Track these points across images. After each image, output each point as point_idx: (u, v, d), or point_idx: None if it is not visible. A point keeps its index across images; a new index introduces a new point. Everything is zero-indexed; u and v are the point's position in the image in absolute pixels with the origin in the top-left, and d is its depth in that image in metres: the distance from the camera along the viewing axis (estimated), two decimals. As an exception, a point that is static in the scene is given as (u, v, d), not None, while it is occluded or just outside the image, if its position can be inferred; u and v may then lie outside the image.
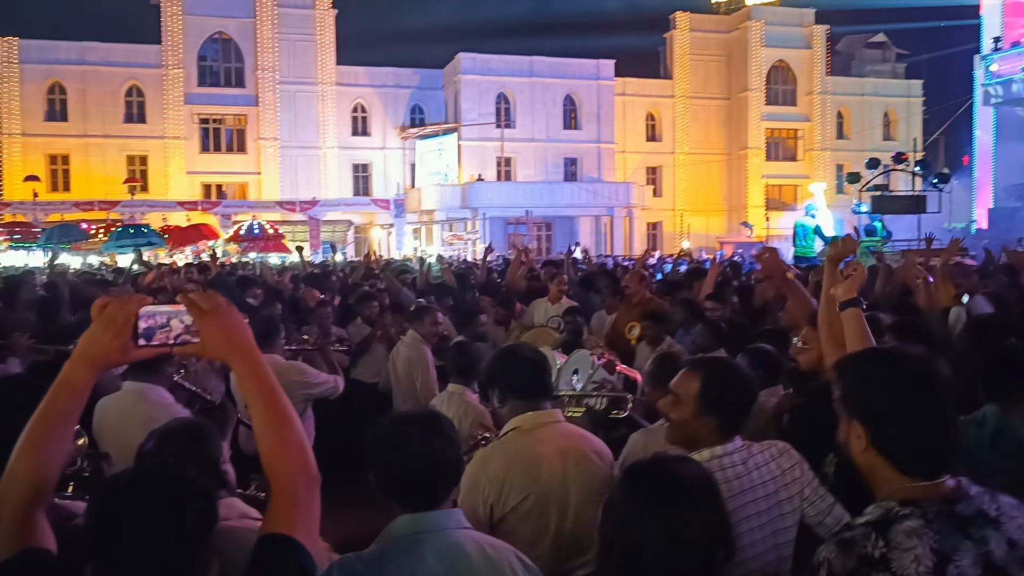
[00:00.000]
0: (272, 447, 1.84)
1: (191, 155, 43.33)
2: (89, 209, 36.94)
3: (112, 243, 22.15)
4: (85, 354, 1.80)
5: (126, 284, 10.89)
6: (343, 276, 12.76)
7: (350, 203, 43.42)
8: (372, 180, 46.93)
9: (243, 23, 43.45)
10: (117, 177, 41.18)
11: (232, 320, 1.84)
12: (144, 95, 42.90)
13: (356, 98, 46.50)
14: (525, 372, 3.28)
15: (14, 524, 1.75)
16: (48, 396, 1.80)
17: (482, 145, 45.59)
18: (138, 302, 1.80)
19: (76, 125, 41.99)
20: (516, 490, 2.97)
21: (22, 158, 41.04)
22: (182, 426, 2.85)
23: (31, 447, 1.78)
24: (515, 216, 41.02)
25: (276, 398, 1.86)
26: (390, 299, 8.68)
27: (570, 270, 10.46)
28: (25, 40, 41.18)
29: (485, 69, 46.03)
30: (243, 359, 1.84)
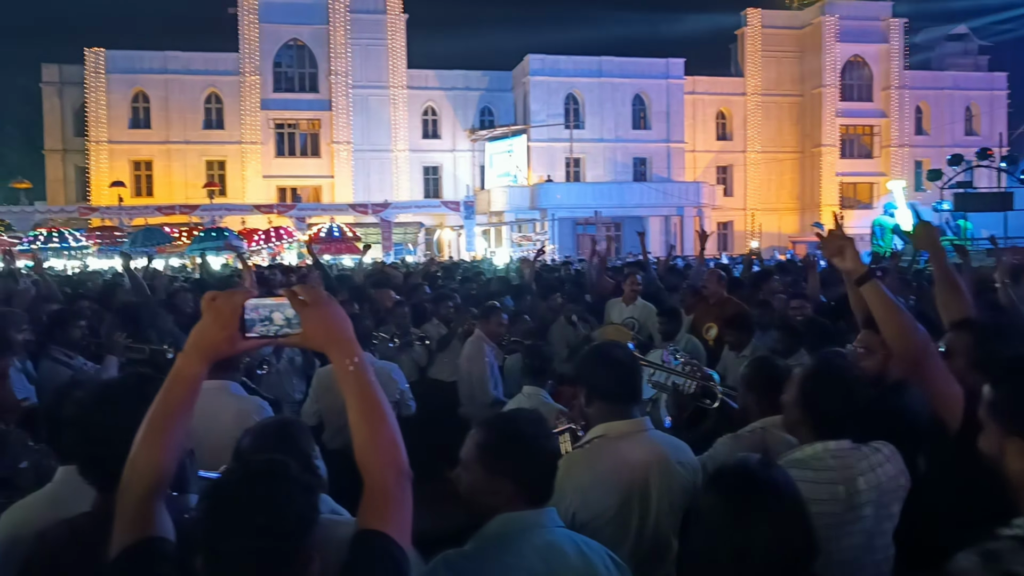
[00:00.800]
0: (366, 441, 1.86)
1: (267, 159, 44.43)
2: (171, 213, 38.17)
3: (195, 246, 22.87)
4: (196, 346, 1.85)
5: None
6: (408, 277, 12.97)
7: (421, 205, 43.94)
8: (442, 182, 47.43)
9: (317, 29, 44.36)
10: (197, 182, 42.52)
11: (333, 312, 1.87)
12: (222, 102, 44.18)
13: (426, 101, 47.05)
14: (615, 375, 3.17)
15: (136, 513, 1.82)
16: (164, 388, 1.87)
17: (551, 146, 45.67)
18: (244, 295, 1.85)
19: (158, 132, 43.47)
20: (599, 499, 2.94)
21: (108, 165, 42.65)
22: (276, 422, 2.93)
23: (150, 437, 1.85)
24: (584, 217, 40.97)
25: (372, 392, 1.88)
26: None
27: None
28: (111, 51, 42.82)
29: (554, 70, 46.11)
30: (341, 350, 1.87)
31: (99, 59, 42.60)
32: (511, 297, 8.90)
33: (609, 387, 3.15)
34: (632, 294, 8.26)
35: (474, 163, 47.77)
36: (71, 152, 44.71)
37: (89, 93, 42.58)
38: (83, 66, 42.64)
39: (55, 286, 9.86)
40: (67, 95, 44.55)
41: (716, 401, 4.20)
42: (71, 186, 45.03)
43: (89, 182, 43.06)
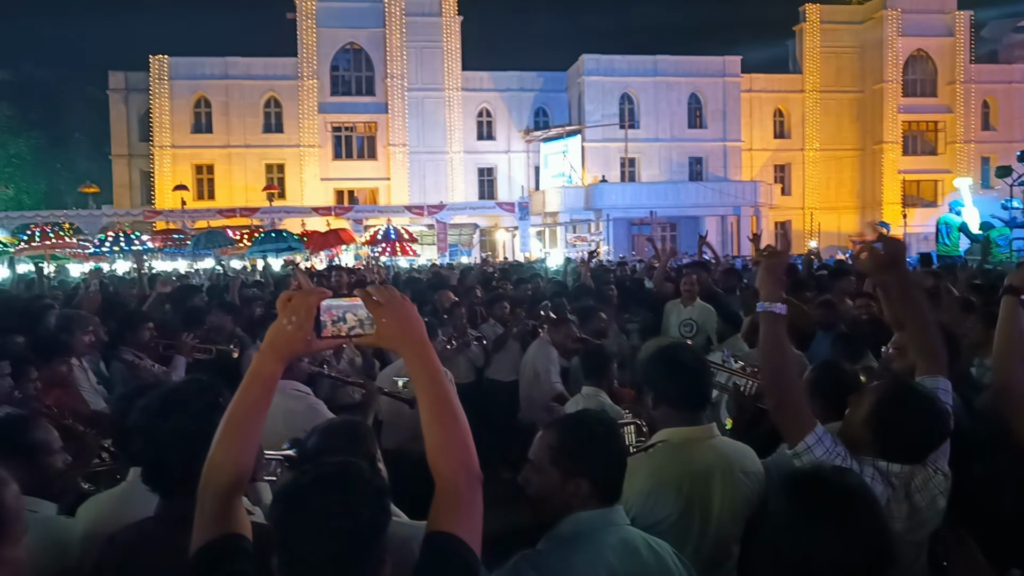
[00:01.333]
0: (437, 442, 1.86)
1: (324, 162, 45.08)
2: (231, 216, 38.94)
3: (256, 248, 23.29)
4: (272, 346, 1.87)
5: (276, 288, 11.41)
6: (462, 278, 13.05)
7: (476, 206, 44.14)
8: (497, 183, 47.59)
9: (373, 33, 44.87)
10: (257, 185, 43.32)
11: (406, 312, 1.88)
12: (281, 106, 44.95)
13: (481, 103, 47.27)
14: (683, 381, 3.11)
15: (216, 510, 1.85)
16: (241, 387, 1.89)
17: (606, 146, 45.51)
18: (319, 295, 1.86)
19: (220, 136, 44.42)
20: (660, 506, 2.90)
21: (172, 169, 43.72)
22: (344, 423, 2.95)
23: (228, 436, 1.87)
24: (639, 217, 40.74)
25: (444, 392, 1.89)
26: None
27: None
28: (174, 58, 43.91)
29: (608, 70, 45.95)
30: (415, 351, 1.89)
31: (163, 66, 43.70)
32: (568, 300, 8.87)
33: (676, 392, 3.09)
34: (690, 295, 8.19)
35: (528, 164, 47.84)
36: (136, 157, 45.92)
37: (153, 99, 43.71)
38: (148, 73, 43.78)
39: (146, 286, 10.18)
40: (133, 102, 45.77)
41: None
42: (136, 190, 46.24)
43: (153, 186, 44.19)
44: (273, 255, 22.35)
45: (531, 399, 6.75)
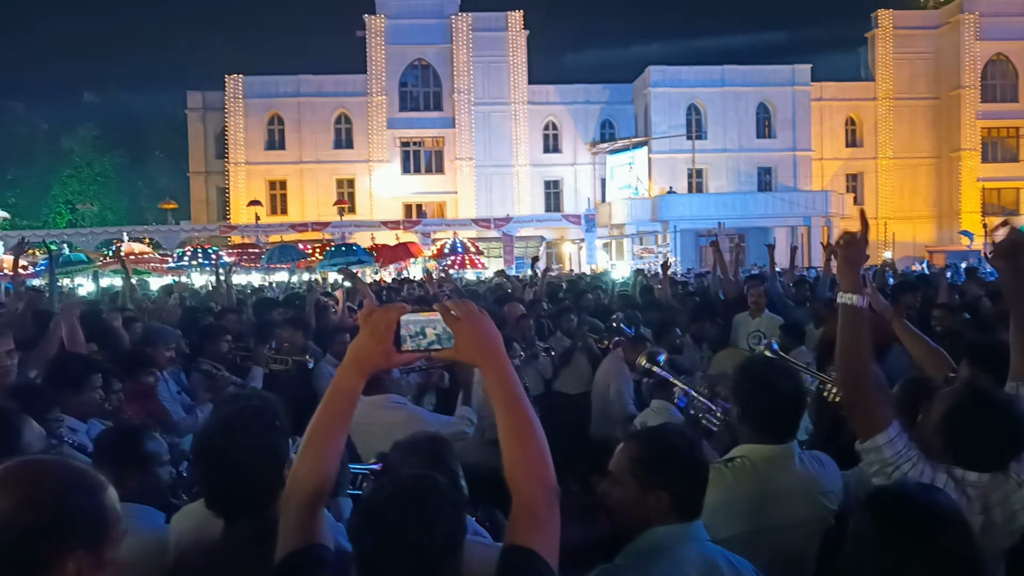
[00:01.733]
0: (514, 457, 1.84)
1: (393, 177, 45.81)
2: (303, 230, 39.80)
3: (326, 262, 23.78)
4: (354, 360, 1.90)
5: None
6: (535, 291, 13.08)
7: (542, 219, 44.27)
8: (563, 196, 47.70)
9: (440, 49, 45.52)
10: (328, 199, 44.25)
11: (484, 327, 1.88)
12: (351, 122, 45.88)
13: (547, 116, 47.48)
14: (774, 406, 2.97)
15: (299, 520, 1.88)
16: (324, 400, 1.92)
17: (672, 157, 45.24)
18: (399, 310, 1.88)
19: (292, 152, 45.53)
20: (731, 522, 2.82)
21: (246, 184, 44.96)
22: (426, 438, 2.99)
23: (311, 448, 1.90)
24: (707, 228, 40.29)
25: (521, 407, 1.88)
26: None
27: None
28: (249, 77, 45.21)
29: (675, 81, 45.72)
30: (492, 365, 1.88)
31: (238, 85, 45.02)
32: (639, 312, 8.85)
33: (765, 416, 2.99)
34: (757, 307, 8.15)
35: (595, 176, 47.84)
36: (213, 174, 47.36)
37: (229, 117, 45.05)
38: (224, 92, 45.14)
39: (232, 296, 10.52)
40: (209, 120, 47.25)
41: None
42: (212, 206, 47.65)
43: (229, 202, 45.49)
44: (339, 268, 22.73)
45: (604, 415, 6.77)
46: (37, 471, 1.52)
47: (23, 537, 1.42)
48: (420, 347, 1.87)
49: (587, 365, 7.64)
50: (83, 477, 1.54)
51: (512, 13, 46.26)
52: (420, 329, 1.86)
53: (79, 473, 1.54)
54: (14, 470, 1.51)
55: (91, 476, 1.55)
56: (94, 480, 1.54)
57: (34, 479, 1.49)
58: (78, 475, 1.53)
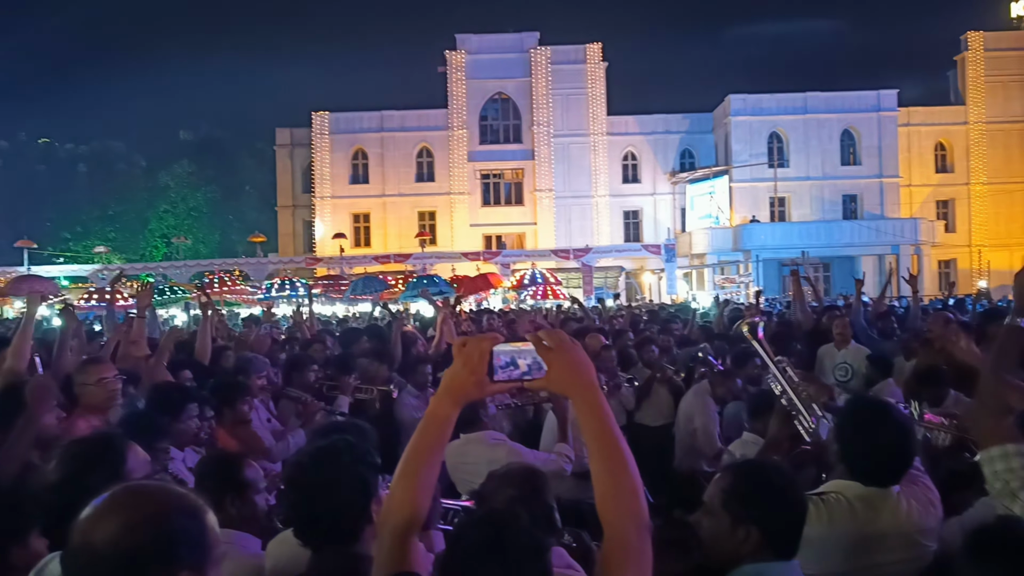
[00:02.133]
0: (606, 490, 1.82)
1: (473, 209, 46.40)
2: (386, 262, 40.58)
3: (408, 293, 24.21)
4: (448, 389, 1.91)
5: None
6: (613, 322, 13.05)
7: (621, 249, 44.16)
8: (643, 226, 47.51)
9: (520, 82, 46.11)
10: (410, 232, 45.05)
11: (576, 357, 1.86)
12: (433, 155, 46.75)
13: (626, 146, 47.50)
14: (877, 457, 2.84)
15: (393, 547, 1.90)
16: (418, 429, 1.95)
17: (754, 186, 44.66)
18: (491, 340, 1.87)
19: (375, 186, 46.60)
20: (827, 560, 2.74)
21: (331, 218, 46.15)
22: (521, 471, 3.00)
23: (405, 478, 1.91)
24: (790, 257, 39.54)
25: (613, 439, 1.85)
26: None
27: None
28: (334, 113, 46.58)
29: (756, 109, 45.24)
30: (584, 396, 1.86)
31: (324, 121, 46.40)
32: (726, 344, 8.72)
33: (865, 464, 2.87)
34: (842, 338, 7.99)
35: (675, 206, 47.57)
36: (299, 207, 48.76)
37: (315, 153, 46.43)
38: (310, 128, 46.57)
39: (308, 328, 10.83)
40: (297, 156, 48.77)
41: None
42: (299, 239, 49.01)
43: (314, 234, 46.73)
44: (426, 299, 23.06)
45: (689, 448, 6.70)
46: (142, 495, 1.57)
47: (131, 559, 1.47)
48: (512, 377, 1.86)
49: (668, 396, 7.61)
50: (184, 501, 1.59)
51: (591, 45, 46.62)
52: (514, 359, 1.86)
53: (181, 497, 1.60)
54: (120, 495, 1.56)
55: (192, 500, 1.61)
56: (195, 504, 1.60)
57: (139, 503, 1.54)
58: (180, 499, 1.59)
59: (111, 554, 1.47)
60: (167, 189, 54.68)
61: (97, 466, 2.57)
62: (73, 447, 2.83)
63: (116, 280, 8.76)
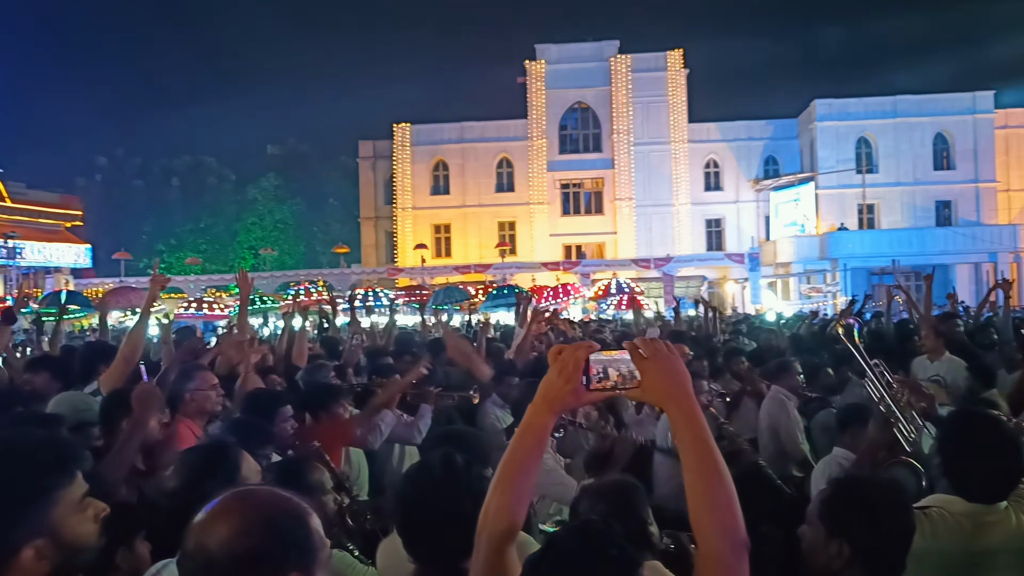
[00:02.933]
0: (700, 503, 1.76)
1: (553, 218, 46.45)
2: (466, 272, 40.94)
3: (488, 303, 24.36)
4: (544, 398, 1.89)
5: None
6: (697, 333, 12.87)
7: (703, 258, 43.61)
8: (725, 234, 46.82)
9: (600, 91, 46.03)
10: (490, 242, 45.37)
11: (671, 366, 1.83)
12: (512, 165, 46.99)
13: (708, 154, 46.92)
14: (984, 471, 2.73)
15: (490, 556, 1.89)
16: (515, 438, 1.94)
17: (841, 193, 43.55)
18: (587, 349, 1.85)
19: (456, 197, 47.07)
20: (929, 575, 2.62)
21: (413, 228, 46.81)
22: (615, 485, 2.97)
23: (502, 484, 1.91)
24: (879, 266, 38.42)
25: (708, 451, 1.80)
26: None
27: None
28: (416, 125, 47.29)
29: (842, 113, 44.14)
30: (678, 406, 1.82)
31: (405, 134, 47.14)
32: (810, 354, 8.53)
33: (971, 479, 2.75)
34: (936, 349, 7.69)
35: (758, 214, 46.72)
36: (381, 219, 49.58)
37: (397, 165, 47.18)
38: (392, 141, 47.37)
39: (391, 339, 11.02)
40: (379, 168, 49.62)
41: None
42: (381, 249, 49.81)
43: (396, 245, 47.46)
44: (505, 309, 23.20)
45: (774, 453, 6.56)
46: (252, 500, 1.61)
47: (244, 562, 1.51)
48: (608, 386, 1.84)
49: (755, 409, 7.44)
50: (291, 505, 1.63)
51: (671, 53, 46.27)
52: (609, 368, 1.84)
53: (287, 501, 1.64)
54: (230, 501, 1.60)
55: (298, 504, 1.65)
56: (301, 507, 1.64)
57: (249, 508, 1.58)
58: (287, 503, 1.63)
59: (225, 558, 1.51)
60: (255, 202, 56.33)
61: (214, 474, 2.64)
62: (190, 455, 2.93)
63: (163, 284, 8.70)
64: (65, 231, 46.94)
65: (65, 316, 26.17)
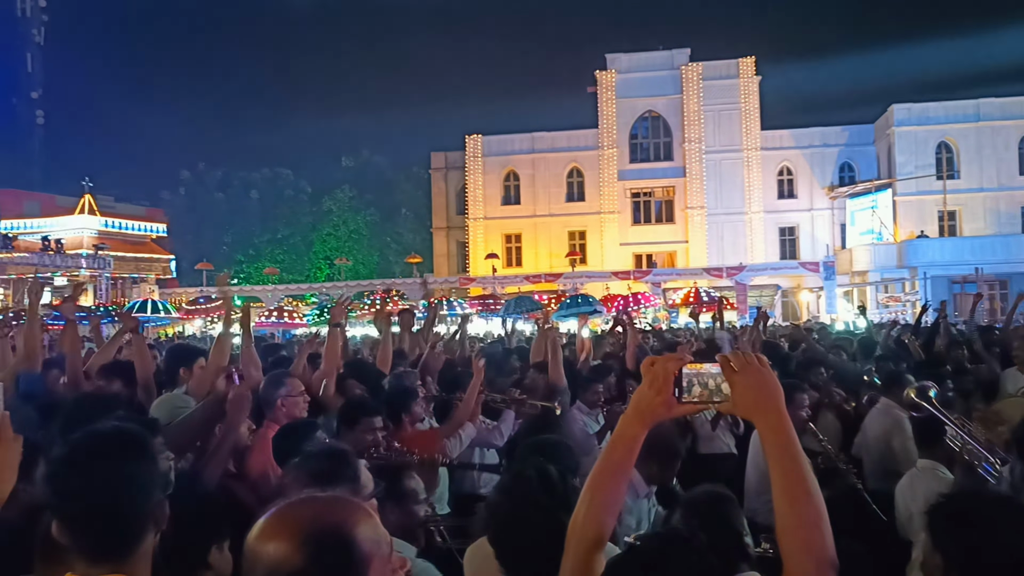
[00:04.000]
0: (785, 520, 1.73)
1: (623, 227, 46.31)
2: (537, 281, 41.11)
3: (561, 312, 24.40)
4: (635, 409, 1.91)
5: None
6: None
7: (777, 267, 42.93)
8: (799, 243, 46.02)
9: (671, 100, 45.79)
10: (560, 251, 45.46)
11: (761, 380, 1.81)
12: (583, 175, 47.03)
13: (781, 161, 46.22)
14: None
15: (577, 563, 1.93)
16: (606, 448, 1.98)
17: (920, 199, 42.42)
18: (679, 361, 1.86)
19: (526, 207, 47.32)
20: None
21: (484, 238, 47.20)
22: (708, 496, 2.99)
23: (591, 494, 1.94)
24: (961, 275, 37.27)
25: (796, 467, 1.76)
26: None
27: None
28: (487, 136, 47.72)
29: (922, 118, 42.99)
30: (767, 420, 1.81)
31: (477, 144, 47.61)
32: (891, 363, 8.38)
33: None
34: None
35: (833, 221, 45.82)
36: (453, 229, 50.14)
37: (468, 175, 47.67)
38: (464, 152, 47.89)
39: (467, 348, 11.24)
40: (451, 179, 50.23)
41: None
42: (453, 259, 50.35)
43: (468, 255, 47.91)
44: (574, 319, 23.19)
45: (883, 470, 6.33)
46: (320, 506, 1.56)
47: (315, 566, 1.46)
48: (700, 399, 1.85)
49: (835, 422, 7.36)
50: (361, 511, 1.62)
51: (744, 60, 45.79)
52: (701, 380, 1.85)
53: (357, 507, 1.63)
54: (297, 506, 1.55)
55: (367, 509, 1.64)
56: (369, 514, 1.62)
57: (320, 514, 1.53)
58: (357, 509, 1.60)
59: (296, 564, 1.45)
60: (330, 213, 57.50)
61: (336, 479, 2.70)
62: (313, 461, 2.93)
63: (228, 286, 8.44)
64: (150, 242, 48.76)
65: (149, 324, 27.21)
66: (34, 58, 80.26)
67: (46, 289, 42.38)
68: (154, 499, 1.89)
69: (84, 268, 38.15)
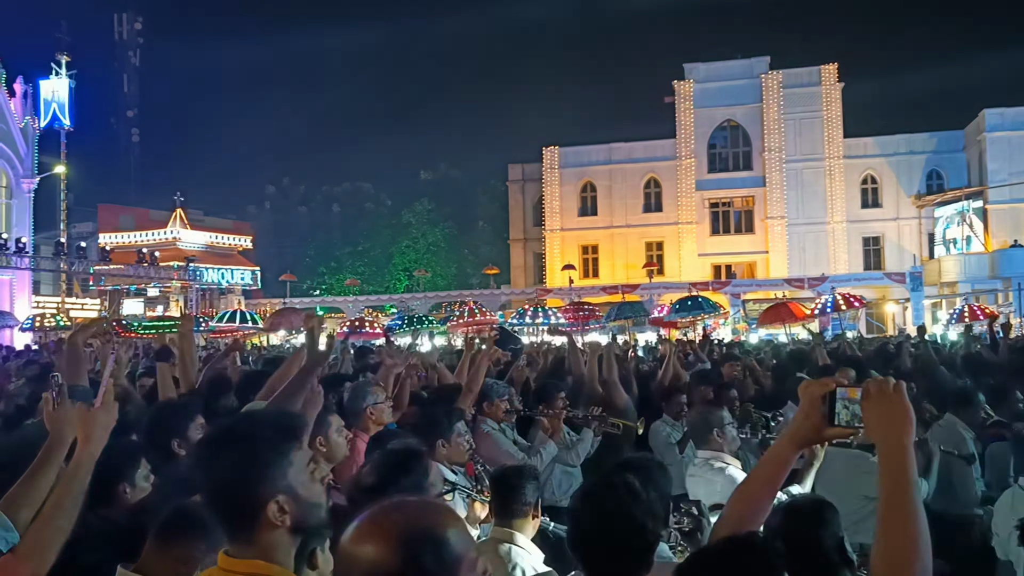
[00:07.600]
0: (879, 548, 1.74)
1: (702, 238, 45.86)
2: (614, 293, 40.93)
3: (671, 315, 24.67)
4: (794, 432, 1.98)
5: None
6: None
7: (861, 278, 41.85)
8: (884, 253, 44.86)
9: (750, 108, 45.22)
10: (637, 262, 45.26)
11: (888, 409, 1.81)
12: (660, 185, 46.78)
13: (865, 169, 45.17)
14: None
15: None
16: (759, 464, 2.10)
17: (1014, 208, 40.91)
18: (822, 386, 1.90)
19: (603, 218, 47.28)
20: None
21: (560, 250, 47.33)
22: (809, 502, 3.02)
23: (738, 504, 2.06)
24: (1060, 285, 35.78)
25: (901, 498, 1.76)
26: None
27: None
28: (564, 148, 47.90)
29: (1016, 123, 41.50)
30: (887, 450, 1.80)
31: (554, 156, 47.83)
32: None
33: None
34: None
35: (921, 231, 44.52)
36: (530, 240, 50.41)
37: (545, 187, 47.91)
38: (541, 164, 48.14)
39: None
40: (528, 191, 50.53)
41: None
42: (530, 271, 50.58)
43: (544, 266, 48.08)
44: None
45: (952, 495, 6.24)
46: (409, 510, 1.56)
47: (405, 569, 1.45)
48: (848, 423, 1.86)
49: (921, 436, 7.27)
50: (448, 513, 1.61)
51: (826, 67, 44.96)
52: (847, 404, 1.86)
53: (445, 510, 1.63)
54: (389, 509, 1.55)
55: (453, 512, 1.64)
56: (455, 516, 1.63)
57: (409, 517, 1.52)
58: (445, 512, 1.61)
59: (394, 566, 1.45)
60: (409, 226, 58.42)
61: (408, 474, 2.89)
62: (386, 456, 3.13)
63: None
64: (237, 255, 50.41)
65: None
66: (130, 79, 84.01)
67: (136, 300, 44.22)
68: (271, 467, 1.96)
69: (176, 279, 39.63)
